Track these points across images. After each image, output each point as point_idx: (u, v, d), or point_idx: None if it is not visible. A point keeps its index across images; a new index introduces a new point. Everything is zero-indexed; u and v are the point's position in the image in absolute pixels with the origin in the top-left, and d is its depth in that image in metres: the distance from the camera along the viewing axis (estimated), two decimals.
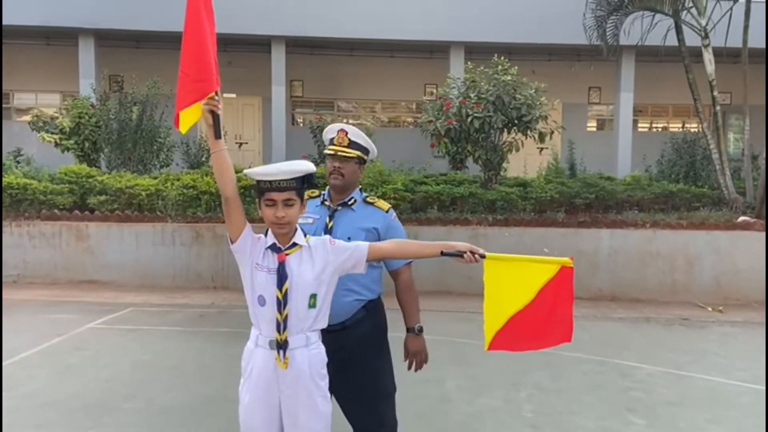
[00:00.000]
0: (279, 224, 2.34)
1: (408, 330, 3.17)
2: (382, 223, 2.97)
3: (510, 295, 2.58)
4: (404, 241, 2.59)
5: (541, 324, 2.63)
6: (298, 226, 2.43)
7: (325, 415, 2.43)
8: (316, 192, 3.00)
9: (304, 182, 2.38)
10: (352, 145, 2.96)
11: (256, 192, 2.39)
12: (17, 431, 4.10)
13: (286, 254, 2.37)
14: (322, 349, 2.48)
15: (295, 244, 2.39)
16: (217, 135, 2.37)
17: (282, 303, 2.33)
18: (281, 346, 2.34)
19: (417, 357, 3.19)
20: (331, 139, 2.97)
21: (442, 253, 2.48)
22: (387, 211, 3.00)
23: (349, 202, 2.97)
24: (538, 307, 2.59)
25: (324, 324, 2.47)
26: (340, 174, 2.93)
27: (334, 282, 2.46)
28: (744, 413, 4.66)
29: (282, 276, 2.34)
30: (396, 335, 3.14)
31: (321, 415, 2.41)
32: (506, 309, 2.58)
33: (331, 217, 2.92)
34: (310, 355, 2.40)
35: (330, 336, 2.63)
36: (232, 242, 2.40)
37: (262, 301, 2.37)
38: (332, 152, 2.94)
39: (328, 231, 2.85)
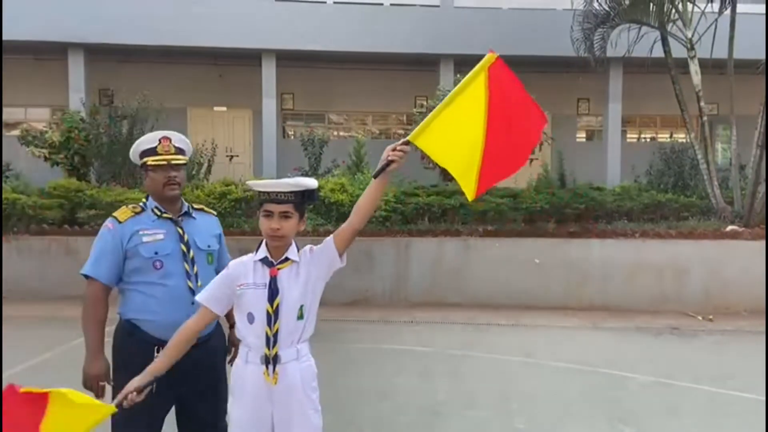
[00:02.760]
0: (274, 236, 2.34)
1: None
2: (219, 229, 3.03)
3: (464, 140, 2.37)
4: (356, 207, 2.46)
5: (513, 135, 2.42)
6: (294, 241, 2.42)
7: (317, 428, 2.42)
8: (138, 207, 2.84)
9: (305, 197, 2.37)
10: (179, 151, 2.83)
11: (257, 203, 2.40)
12: None
13: (278, 269, 2.37)
14: (312, 361, 2.47)
15: (287, 259, 2.39)
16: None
17: (273, 318, 2.32)
18: (271, 361, 2.33)
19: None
20: (152, 150, 2.78)
21: (377, 175, 2.39)
22: (216, 216, 3.08)
23: (189, 211, 2.90)
24: (496, 121, 2.38)
25: (310, 333, 2.46)
26: (177, 183, 2.80)
27: (320, 289, 2.45)
28: (736, 422, 4.67)
29: (273, 291, 2.33)
30: None
31: (314, 429, 2.40)
32: (472, 153, 2.39)
33: (182, 228, 2.82)
34: (302, 369, 2.39)
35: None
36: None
37: (251, 318, 2.36)
38: (163, 162, 2.77)
39: (185, 242, 2.79)
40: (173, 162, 2.78)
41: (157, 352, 2.67)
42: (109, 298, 2.84)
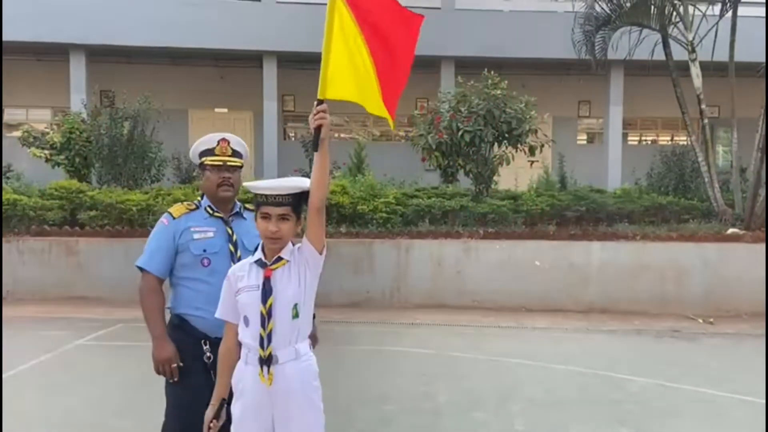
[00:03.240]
0: (272, 238, 2.35)
1: None
2: None
3: (360, 69, 2.40)
4: (312, 192, 2.35)
5: (393, 44, 2.47)
6: (291, 241, 2.42)
7: (318, 429, 2.41)
8: (193, 205, 2.95)
9: (302, 198, 2.38)
10: (236, 153, 2.93)
11: (254, 204, 2.42)
12: None
13: (272, 269, 2.37)
14: (313, 360, 2.46)
15: (280, 259, 2.39)
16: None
17: (266, 318, 2.32)
18: (265, 361, 2.33)
19: None
20: (210, 150, 2.90)
21: (316, 147, 2.38)
22: None
23: (240, 211, 3.00)
24: (373, 37, 2.42)
25: (308, 331, 2.45)
26: (230, 185, 2.90)
27: (313, 286, 2.43)
28: (736, 425, 4.67)
29: (267, 291, 2.34)
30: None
31: (314, 429, 2.40)
32: (370, 79, 2.42)
33: (231, 228, 2.90)
34: (301, 369, 2.38)
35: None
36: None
37: (246, 321, 2.38)
38: (219, 163, 2.88)
39: (233, 242, 2.86)
40: (229, 163, 2.88)
41: (205, 345, 2.78)
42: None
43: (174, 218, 2.89)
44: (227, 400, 2.46)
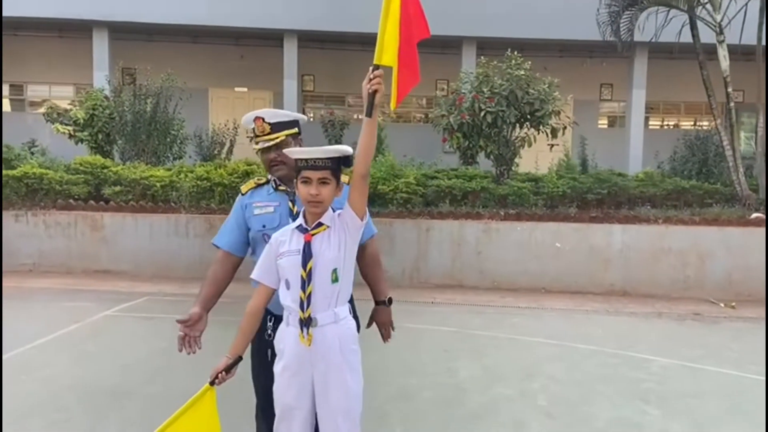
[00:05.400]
0: (313, 202, 2.39)
1: (378, 303, 3.07)
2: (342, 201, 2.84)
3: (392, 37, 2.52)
4: (356, 152, 2.40)
5: (412, 28, 2.60)
6: (331, 207, 2.46)
7: (355, 393, 2.48)
8: (264, 179, 2.85)
9: (340, 164, 2.42)
10: (275, 127, 2.72)
11: (295, 171, 2.45)
12: (37, 414, 4.16)
13: (313, 234, 2.41)
14: (353, 323, 2.51)
15: (320, 224, 2.43)
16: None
17: (306, 282, 2.38)
18: (305, 323, 2.39)
19: (386, 327, 3.12)
20: (254, 132, 2.73)
21: (369, 113, 2.38)
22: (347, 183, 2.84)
23: None
24: (405, 22, 2.57)
25: (348, 295, 2.50)
26: (281, 162, 2.72)
27: (352, 252, 2.47)
28: (760, 404, 4.67)
29: (306, 255, 2.38)
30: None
31: (351, 392, 2.46)
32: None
33: (293, 202, 2.73)
34: (341, 331, 2.44)
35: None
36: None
37: (287, 284, 2.43)
38: (261, 146, 2.71)
39: (294, 215, 2.69)
40: (271, 143, 2.71)
41: (270, 321, 2.70)
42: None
43: (242, 194, 2.85)
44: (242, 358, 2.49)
